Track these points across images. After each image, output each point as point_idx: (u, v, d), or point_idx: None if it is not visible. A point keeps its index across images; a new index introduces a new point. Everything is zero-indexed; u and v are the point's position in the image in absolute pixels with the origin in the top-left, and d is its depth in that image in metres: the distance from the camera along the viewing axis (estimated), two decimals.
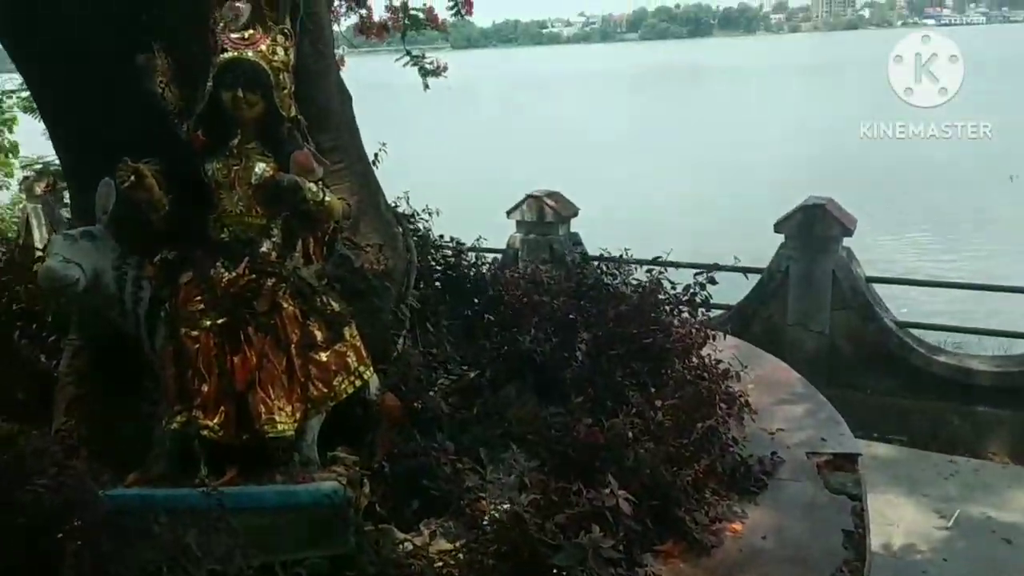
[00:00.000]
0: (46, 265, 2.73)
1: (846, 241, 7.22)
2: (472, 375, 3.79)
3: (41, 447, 2.60)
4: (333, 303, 2.96)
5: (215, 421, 2.73)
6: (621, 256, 4.69)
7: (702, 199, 18.90)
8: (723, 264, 4.59)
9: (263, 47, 2.85)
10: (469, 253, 5.03)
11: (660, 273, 4.27)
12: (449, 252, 4.81)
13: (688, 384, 3.57)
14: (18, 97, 9.04)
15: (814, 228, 7.11)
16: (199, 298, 2.76)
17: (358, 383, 2.99)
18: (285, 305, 2.79)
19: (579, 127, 31.80)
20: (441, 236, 5.01)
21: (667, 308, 4.11)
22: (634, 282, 4.35)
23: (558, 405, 3.57)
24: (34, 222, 10.25)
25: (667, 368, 3.76)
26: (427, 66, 6.78)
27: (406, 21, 6.67)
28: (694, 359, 3.91)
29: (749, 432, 3.69)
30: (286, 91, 2.90)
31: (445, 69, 6.91)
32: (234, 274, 2.77)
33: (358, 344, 3.01)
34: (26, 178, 10.45)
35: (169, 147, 2.97)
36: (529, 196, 8.38)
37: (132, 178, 2.70)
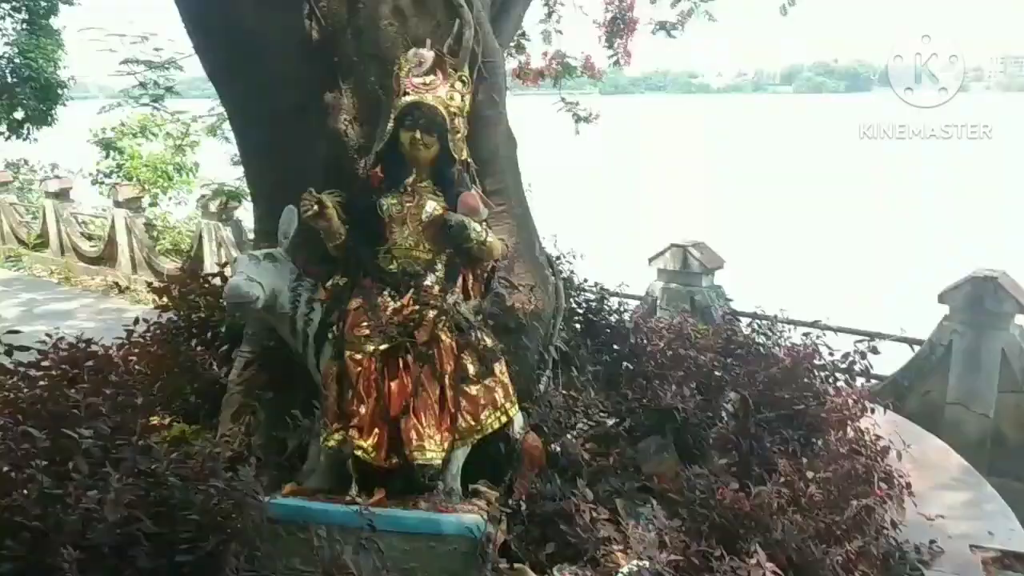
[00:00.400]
0: (232, 282, 2.97)
1: (1019, 319, 6.64)
2: (611, 423, 3.76)
3: (213, 451, 2.77)
4: (487, 339, 3.04)
5: (369, 443, 2.85)
6: (775, 316, 4.51)
7: (856, 260, 17.93)
8: (884, 333, 4.33)
9: (442, 92, 3.02)
10: (610, 298, 5.01)
11: (817, 337, 4.07)
12: (592, 296, 4.82)
13: (843, 458, 3.37)
14: (202, 122, 9.86)
15: (984, 302, 6.56)
16: (365, 324, 2.91)
17: (503, 419, 3.04)
18: (443, 337, 2.90)
19: (729, 178, 31.03)
20: (584, 280, 5.02)
21: (822, 375, 3.92)
22: (787, 344, 4.18)
23: (700, 464, 3.47)
24: (205, 237, 11.10)
25: (820, 438, 3.58)
26: (580, 113, 6.96)
27: (559, 68, 6.86)
28: (850, 431, 3.70)
29: (906, 516, 3.44)
30: (460, 135, 3.06)
31: (597, 116, 7.04)
32: (399, 304, 2.92)
33: (506, 381, 3.07)
34: (203, 196, 11.30)
35: (348, 181, 3.18)
36: (673, 244, 8.21)
37: (315, 207, 2.91)
